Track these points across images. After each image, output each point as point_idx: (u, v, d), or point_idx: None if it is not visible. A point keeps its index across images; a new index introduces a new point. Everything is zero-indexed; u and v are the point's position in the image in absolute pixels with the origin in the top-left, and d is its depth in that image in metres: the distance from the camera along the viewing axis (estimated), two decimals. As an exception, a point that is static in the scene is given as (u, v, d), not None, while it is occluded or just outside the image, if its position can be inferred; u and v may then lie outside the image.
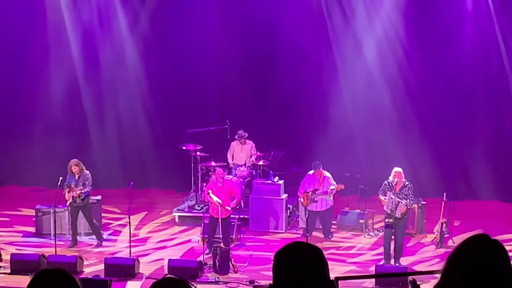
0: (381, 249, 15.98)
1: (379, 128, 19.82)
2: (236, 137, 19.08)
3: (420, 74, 19.73)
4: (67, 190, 16.41)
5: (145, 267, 15.32)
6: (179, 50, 20.41)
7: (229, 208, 16.27)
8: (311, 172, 17.19)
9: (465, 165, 19.99)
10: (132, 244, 15.98)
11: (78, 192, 16.34)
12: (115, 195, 18.87)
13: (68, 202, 16.48)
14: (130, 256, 15.44)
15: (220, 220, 16.02)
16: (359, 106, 19.89)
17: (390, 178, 15.52)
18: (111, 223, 18.24)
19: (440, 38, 19.63)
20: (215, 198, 16.08)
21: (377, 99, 19.81)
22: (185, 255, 16.28)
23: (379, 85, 19.81)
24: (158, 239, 17.48)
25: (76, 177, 16.40)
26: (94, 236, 16.96)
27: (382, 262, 15.43)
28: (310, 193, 16.98)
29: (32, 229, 17.60)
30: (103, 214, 17.97)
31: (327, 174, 17.17)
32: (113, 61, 20.58)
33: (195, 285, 3.28)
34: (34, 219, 17.50)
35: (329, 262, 3.10)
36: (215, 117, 20.26)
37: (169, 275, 3.26)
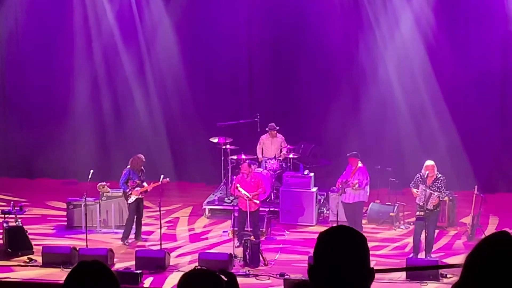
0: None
1: (410, 121, 19.71)
2: (267, 129, 19.05)
3: (452, 66, 19.57)
4: (133, 186, 16.27)
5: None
6: (209, 44, 20.41)
7: (258, 202, 16.26)
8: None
9: (496, 158, 19.84)
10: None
11: (151, 188, 16.45)
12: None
13: (135, 198, 16.35)
14: (161, 248, 15.50)
15: (248, 213, 16.04)
16: (390, 99, 19.80)
17: (422, 171, 15.39)
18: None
19: (472, 28, 19.45)
20: (243, 192, 16.09)
21: (408, 91, 19.70)
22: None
23: (410, 78, 19.69)
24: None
25: (140, 173, 16.43)
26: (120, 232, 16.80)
27: (411, 255, 15.34)
28: (343, 183, 16.54)
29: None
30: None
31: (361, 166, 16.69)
32: (143, 55, 20.64)
33: (224, 277, 3.28)
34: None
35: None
36: (245, 110, 20.26)
37: (199, 267, 3.27)
